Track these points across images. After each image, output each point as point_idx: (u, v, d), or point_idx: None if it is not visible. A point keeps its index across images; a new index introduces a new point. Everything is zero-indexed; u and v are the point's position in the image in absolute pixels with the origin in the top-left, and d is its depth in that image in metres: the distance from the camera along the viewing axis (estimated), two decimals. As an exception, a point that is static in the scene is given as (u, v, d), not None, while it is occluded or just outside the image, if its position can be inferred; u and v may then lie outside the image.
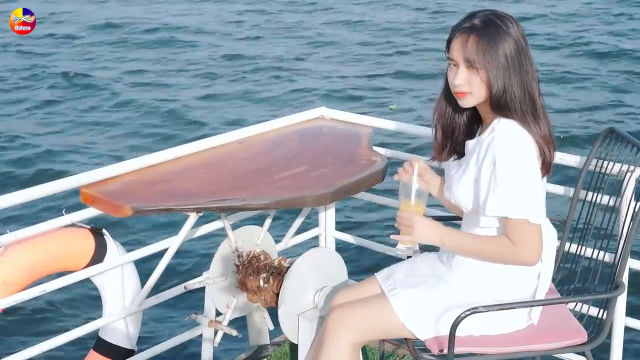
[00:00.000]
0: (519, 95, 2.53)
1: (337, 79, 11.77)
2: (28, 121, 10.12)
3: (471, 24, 2.54)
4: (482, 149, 2.57)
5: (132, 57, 13.14)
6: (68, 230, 3.19)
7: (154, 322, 3.70)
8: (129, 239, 5.95)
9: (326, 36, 14.36)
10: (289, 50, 13.34)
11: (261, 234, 3.49)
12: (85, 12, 16.32)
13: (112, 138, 9.40)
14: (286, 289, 3.20)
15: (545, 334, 2.70)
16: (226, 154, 3.41)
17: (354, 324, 2.72)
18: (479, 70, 2.54)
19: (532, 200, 2.51)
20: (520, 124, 2.53)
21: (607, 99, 10.34)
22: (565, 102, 10.19)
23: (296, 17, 15.98)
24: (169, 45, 13.82)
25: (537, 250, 2.56)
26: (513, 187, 2.49)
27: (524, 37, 2.55)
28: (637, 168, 2.86)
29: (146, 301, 3.29)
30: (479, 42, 2.51)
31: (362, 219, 6.76)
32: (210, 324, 3.41)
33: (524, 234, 2.52)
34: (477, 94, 2.58)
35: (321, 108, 3.90)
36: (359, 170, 3.18)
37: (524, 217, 2.50)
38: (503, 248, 2.56)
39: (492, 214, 2.53)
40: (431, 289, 2.74)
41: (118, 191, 2.99)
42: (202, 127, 9.61)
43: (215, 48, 13.50)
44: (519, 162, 2.50)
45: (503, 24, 2.52)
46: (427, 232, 2.63)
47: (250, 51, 13.31)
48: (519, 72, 2.52)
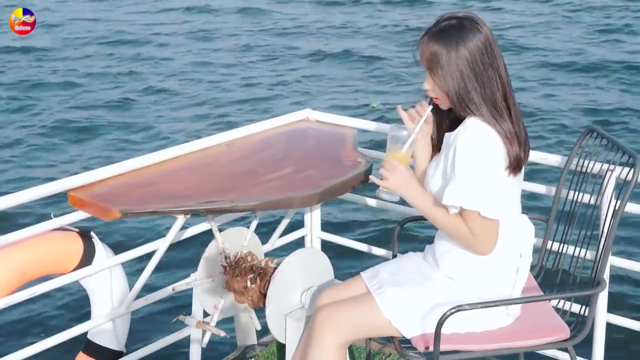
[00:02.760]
0: (477, 101, 2.58)
1: (317, 79, 11.80)
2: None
3: (432, 31, 2.62)
4: (451, 142, 2.64)
5: (110, 58, 13.11)
6: (56, 233, 3.20)
7: (143, 323, 3.72)
8: (117, 241, 5.96)
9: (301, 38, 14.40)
10: (266, 54, 13.33)
11: (248, 235, 3.52)
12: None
13: (99, 142, 9.40)
14: (273, 290, 3.23)
15: (529, 331, 2.74)
16: (213, 156, 3.43)
17: (341, 323, 2.76)
18: (436, 77, 2.61)
19: (486, 194, 2.56)
20: (486, 123, 2.58)
21: (587, 99, 10.41)
22: (546, 103, 10.24)
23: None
24: (149, 47, 13.79)
25: (490, 242, 2.62)
26: (468, 178, 2.54)
27: (487, 41, 2.59)
28: (617, 167, 2.90)
29: (134, 303, 3.32)
30: (435, 50, 2.59)
31: (348, 219, 6.79)
32: (198, 325, 3.43)
33: (478, 225, 2.59)
34: (444, 100, 2.66)
35: (306, 110, 3.93)
36: (344, 171, 3.21)
37: (476, 209, 2.56)
38: (463, 233, 2.62)
39: (447, 202, 2.59)
40: (416, 287, 2.78)
41: (106, 194, 3.02)
42: (180, 132, 9.63)
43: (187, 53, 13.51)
44: (476, 156, 2.55)
45: (461, 32, 2.57)
46: (403, 184, 2.68)
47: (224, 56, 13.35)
48: (476, 76, 2.57)
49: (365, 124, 3.82)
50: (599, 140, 2.99)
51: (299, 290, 3.31)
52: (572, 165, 3.09)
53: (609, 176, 2.92)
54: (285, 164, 3.33)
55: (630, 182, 2.66)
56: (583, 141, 3.07)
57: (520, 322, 2.77)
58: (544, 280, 3.09)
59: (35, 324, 5.19)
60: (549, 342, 2.74)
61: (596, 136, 3.01)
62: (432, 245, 2.91)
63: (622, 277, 5.25)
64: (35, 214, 6.35)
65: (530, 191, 3.24)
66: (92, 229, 3.40)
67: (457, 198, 2.56)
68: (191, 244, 3.58)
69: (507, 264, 2.73)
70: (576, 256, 3.02)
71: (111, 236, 6.01)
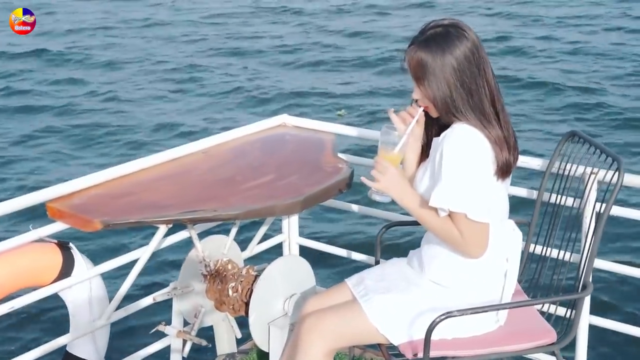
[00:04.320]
0: (464, 109, 2.58)
1: (287, 85, 11.77)
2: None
3: (418, 40, 2.61)
4: (437, 147, 2.63)
5: (82, 67, 12.97)
6: (35, 245, 3.14)
7: (123, 333, 3.67)
8: (95, 251, 5.88)
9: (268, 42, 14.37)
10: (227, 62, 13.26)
11: (228, 243, 3.50)
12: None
13: (71, 151, 9.27)
14: (256, 298, 3.21)
15: (516, 335, 2.75)
16: (191, 165, 3.40)
17: (327, 331, 2.74)
18: (423, 86, 2.61)
19: (473, 196, 2.55)
20: (476, 128, 2.58)
21: (569, 103, 10.45)
22: (528, 106, 10.27)
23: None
24: (123, 56, 13.66)
25: (480, 246, 2.62)
26: (454, 180, 2.54)
27: (474, 48, 2.58)
28: (600, 170, 2.91)
29: (114, 314, 3.27)
30: (421, 60, 2.58)
31: (326, 224, 6.77)
32: (178, 335, 3.39)
33: (467, 228, 2.58)
34: (432, 107, 2.65)
35: (283, 115, 3.91)
36: (326, 178, 3.19)
37: (462, 212, 2.55)
38: (454, 236, 2.61)
39: (434, 204, 2.58)
40: (403, 293, 2.77)
41: (85, 205, 2.97)
42: (157, 140, 9.54)
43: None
44: (463, 158, 2.55)
45: (447, 40, 2.57)
46: (394, 185, 2.66)
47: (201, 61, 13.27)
48: (462, 85, 2.57)
49: (343, 128, 3.80)
50: (580, 144, 2.99)
51: (282, 298, 3.29)
52: (553, 169, 3.09)
53: (593, 179, 2.93)
54: (265, 171, 3.30)
55: (615, 186, 2.67)
56: (565, 144, 3.07)
57: (507, 327, 2.77)
58: (528, 284, 3.09)
59: (14, 338, 5.09)
60: (536, 346, 2.74)
61: (578, 139, 3.02)
62: (417, 250, 2.90)
63: (601, 278, 5.29)
64: (12, 226, 6.24)
65: (512, 194, 3.24)
66: (69, 240, 3.35)
67: (444, 200, 2.55)
68: (170, 252, 3.54)
69: (495, 269, 2.72)
70: (559, 259, 3.03)
71: (90, 246, 5.92)
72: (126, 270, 3.15)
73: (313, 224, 6.61)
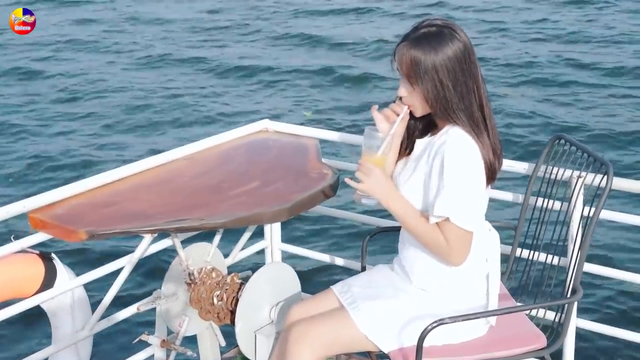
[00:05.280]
0: (456, 109, 2.56)
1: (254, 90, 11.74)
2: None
3: (411, 38, 2.58)
4: (432, 150, 2.61)
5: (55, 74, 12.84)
6: (17, 256, 3.10)
7: (106, 344, 3.62)
8: (78, 260, 5.80)
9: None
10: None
11: (211, 250, 3.46)
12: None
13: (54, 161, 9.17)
14: (242, 306, 3.17)
15: (506, 340, 2.74)
16: (174, 172, 3.35)
17: (316, 339, 2.71)
18: (417, 86, 2.58)
19: (471, 208, 2.56)
20: (468, 133, 2.57)
21: (555, 107, 10.48)
22: (514, 111, 10.29)
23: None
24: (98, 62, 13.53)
25: (465, 254, 2.62)
26: (458, 191, 2.53)
27: (465, 49, 2.57)
28: (588, 174, 2.91)
29: (97, 325, 3.22)
30: (415, 58, 2.54)
31: (308, 230, 6.74)
32: (162, 344, 3.35)
33: (457, 237, 2.57)
34: (420, 107, 2.64)
35: (264, 121, 3.87)
36: (312, 184, 3.16)
37: (461, 224, 2.55)
38: (437, 242, 2.60)
39: (437, 213, 2.56)
40: (391, 300, 2.75)
41: (69, 215, 2.91)
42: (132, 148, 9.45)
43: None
44: (465, 169, 2.54)
45: (440, 39, 2.55)
46: (379, 187, 2.62)
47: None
48: (455, 85, 2.55)
49: (326, 133, 3.78)
50: (567, 147, 3.00)
51: (268, 306, 3.26)
52: (540, 173, 3.09)
53: (581, 183, 2.92)
54: (250, 177, 3.26)
55: (605, 190, 2.67)
56: (551, 148, 3.07)
57: (496, 332, 2.77)
58: (515, 288, 3.09)
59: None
60: (526, 351, 2.74)
61: (564, 143, 3.02)
62: (398, 256, 2.89)
63: (584, 282, 5.31)
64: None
65: (498, 199, 3.24)
66: (50, 250, 3.30)
67: (447, 209, 2.54)
68: (153, 260, 3.50)
69: (476, 271, 2.71)
70: (547, 263, 3.03)
71: (72, 256, 5.84)
72: (110, 280, 3.11)
73: (295, 230, 6.58)
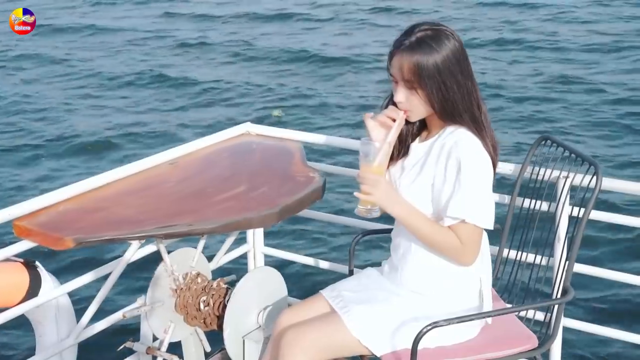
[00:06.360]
0: (462, 109, 2.57)
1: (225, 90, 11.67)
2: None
3: (408, 42, 2.55)
4: (443, 152, 2.59)
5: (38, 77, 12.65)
6: (1, 265, 3.04)
7: (92, 352, 3.56)
8: (61, 267, 5.72)
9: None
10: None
11: (195, 255, 3.43)
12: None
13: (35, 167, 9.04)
14: (230, 312, 3.15)
15: (498, 342, 2.75)
16: (159, 177, 3.31)
17: (309, 345, 2.69)
18: (418, 90, 2.57)
19: (488, 207, 2.57)
20: (473, 133, 2.58)
21: (540, 107, 10.53)
22: (500, 111, 10.32)
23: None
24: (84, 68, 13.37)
25: (477, 253, 2.63)
26: (475, 192, 2.53)
27: (462, 49, 2.58)
28: (576, 175, 2.92)
29: (83, 332, 3.18)
30: (415, 62, 2.53)
31: (290, 233, 6.72)
32: (148, 351, 3.32)
33: (473, 237, 2.58)
34: (419, 111, 2.63)
35: (246, 124, 3.85)
36: (299, 188, 3.14)
37: (478, 222, 2.55)
38: (450, 243, 2.59)
39: (454, 215, 2.55)
40: (383, 303, 2.74)
41: (55, 222, 2.86)
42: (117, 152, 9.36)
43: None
44: (483, 169, 2.55)
45: (439, 41, 2.54)
46: (387, 197, 2.60)
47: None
48: (457, 86, 2.55)
49: (308, 136, 3.77)
50: (553, 147, 3.01)
51: (256, 311, 3.25)
52: (526, 173, 3.10)
53: (568, 183, 2.94)
54: (235, 182, 3.23)
55: (595, 189, 2.69)
56: (537, 148, 3.09)
57: (488, 333, 2.77)
58: (503, 290, 3.10)
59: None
60: (518, 352, 2.74)
61: (550, 143, 3.03)
62: (389, 259, 2.88)
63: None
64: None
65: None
66: (34, 258, 3.25)
67: (463, 211, 2.54)
68: (138, 266, 3.46)
69: (468, 273, 2.71)
70: (534, 264, 3.04)
71: (56, 262, 5.76)
72: (95, 286, 3.07)
73: (277, 234, 6.56)
